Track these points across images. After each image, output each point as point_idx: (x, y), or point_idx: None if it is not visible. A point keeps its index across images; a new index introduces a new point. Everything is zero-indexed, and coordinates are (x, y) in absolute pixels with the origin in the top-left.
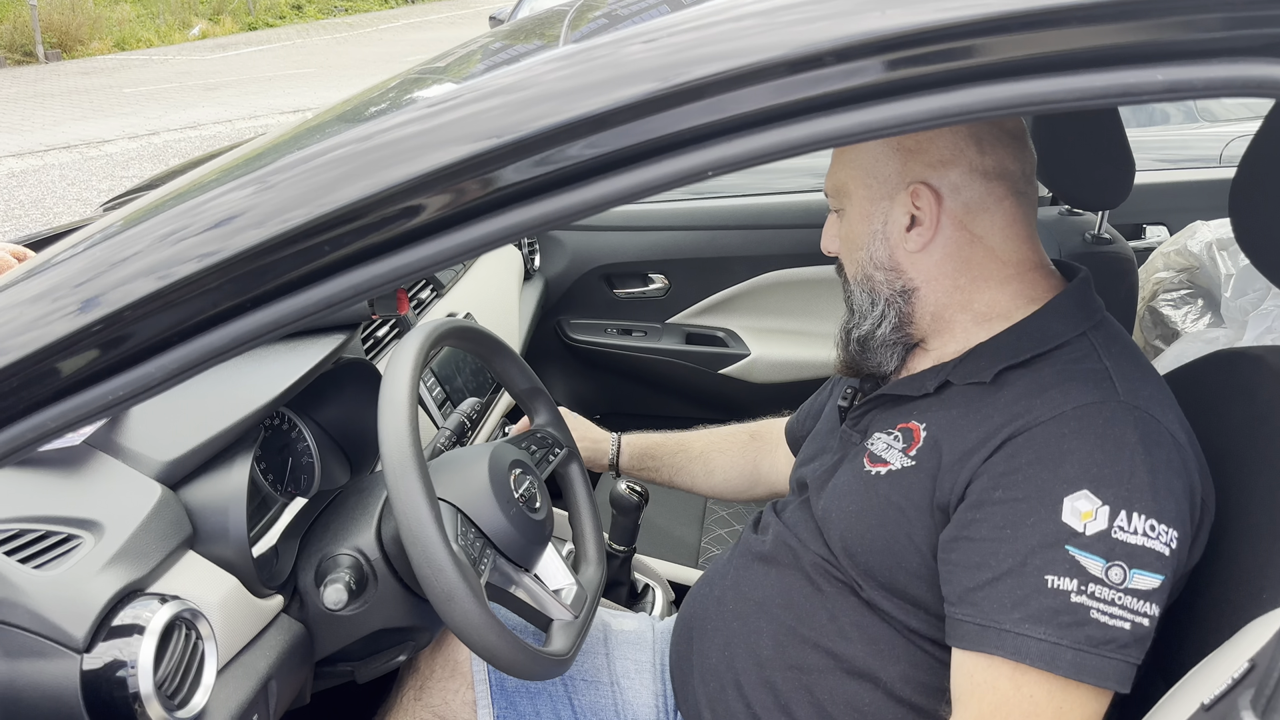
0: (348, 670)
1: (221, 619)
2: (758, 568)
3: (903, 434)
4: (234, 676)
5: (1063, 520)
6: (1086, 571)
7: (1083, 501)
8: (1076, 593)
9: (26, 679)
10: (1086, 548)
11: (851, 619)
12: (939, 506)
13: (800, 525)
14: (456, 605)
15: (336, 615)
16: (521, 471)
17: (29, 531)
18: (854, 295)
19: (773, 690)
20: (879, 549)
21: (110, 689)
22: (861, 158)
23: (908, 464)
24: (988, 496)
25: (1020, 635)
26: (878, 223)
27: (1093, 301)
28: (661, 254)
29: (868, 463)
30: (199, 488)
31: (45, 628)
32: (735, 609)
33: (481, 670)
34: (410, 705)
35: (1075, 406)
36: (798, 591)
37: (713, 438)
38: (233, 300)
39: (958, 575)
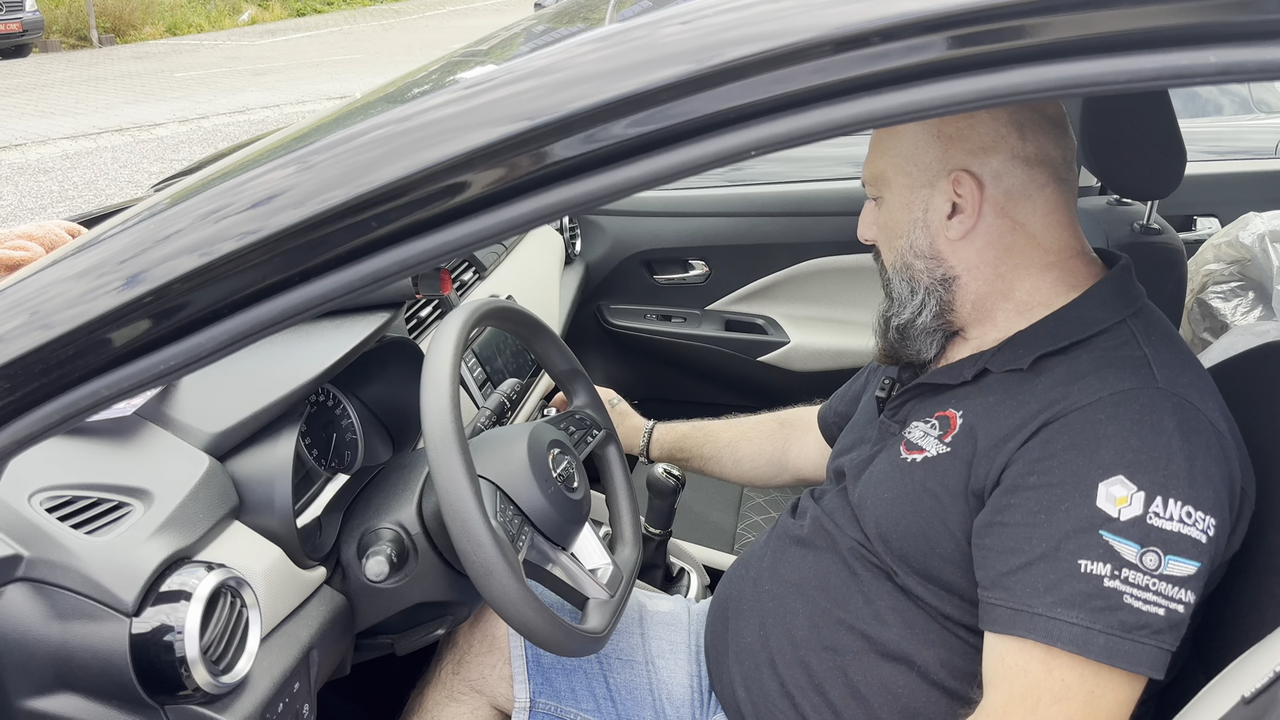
0: (387, 642)
1: (265, 588)
2: (795, 551)
3: (939, 422)
4: (277, 645)
5: (1097, 505)
6: (1120, 557)
7: (1118, 487)
8: (1110, 578)
9: (78, 640)
10: (1121, 533)
11: (887, 603)
12: (973, 492)
13: (837, 511)
14: (495, 580)
15: (377, 588)
16: (560, 451)
17: (81, 499)
18: (893, 283)
19: (807, 670)
20: (914, 535)
21: (158, 652)
22: (901, 145)
23: (943, 450)
24: (1022, 482)
25: (1052, 619)
26: (918, 210)
27: (1133, 289)
28: (702, 240)
29: (904, 450)
30: (246, 460)
31: (96, 591)
32: (771, 590)
33: (519, 646)
34: (448, 679)
35: (1112, 392)
36: (834, 575)
37: (741, 427)
38: (280, 275)
39: (991, 560)
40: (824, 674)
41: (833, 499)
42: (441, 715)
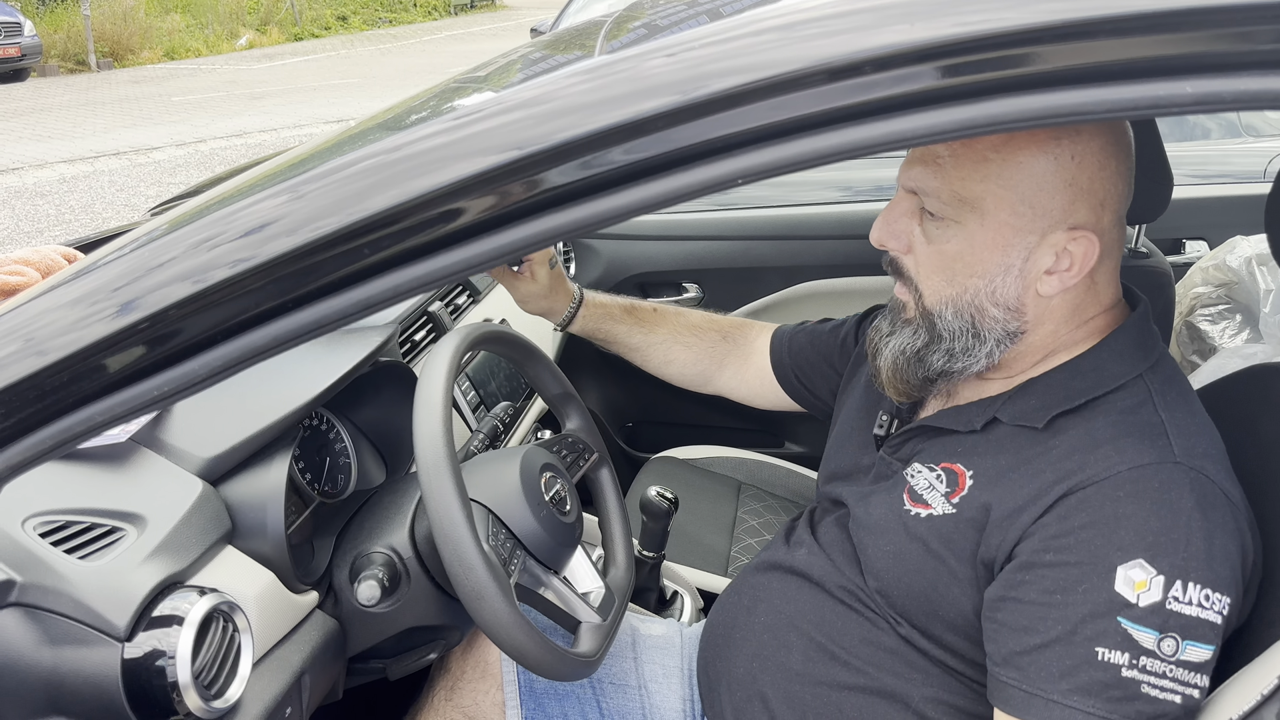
0: (379, 667)
1: (258, 612)
2: (791, 582)
3: (946, 475)
4: (269, 669)
5: (1115, 590)
6: (1138, 645)
7: (1137, 571)
8: (1128, 666)
9: (70, 665)
10: (1139, 620)
11: (885, 645)
12: (983, 562)
13: (835, 548)
14: (486, 604)
15: (369, 612)
16: (552, 475)
17: (75, 523)
18: (943, 321)
19: (799, 706)
20: (916, 595)
21: (149, 677)
22: (1018, 178)
23: (949, 510)
24: (1038, 559)
25: (1068, 707)
26: (1015, 257)
27: (1150, 337)
28: (696, 263)
29: (908, 500)
30: (239, 484)
31: (89, 616)
32: (765, 621)
33: (511, 672)
34: (441, 705)
35: (1131, 467)
36: (830, 611)
37: (678, 326)
38: (274, 301)
39: (1003, 636)
40: (817, 710)
41: (831, 530)
42: None
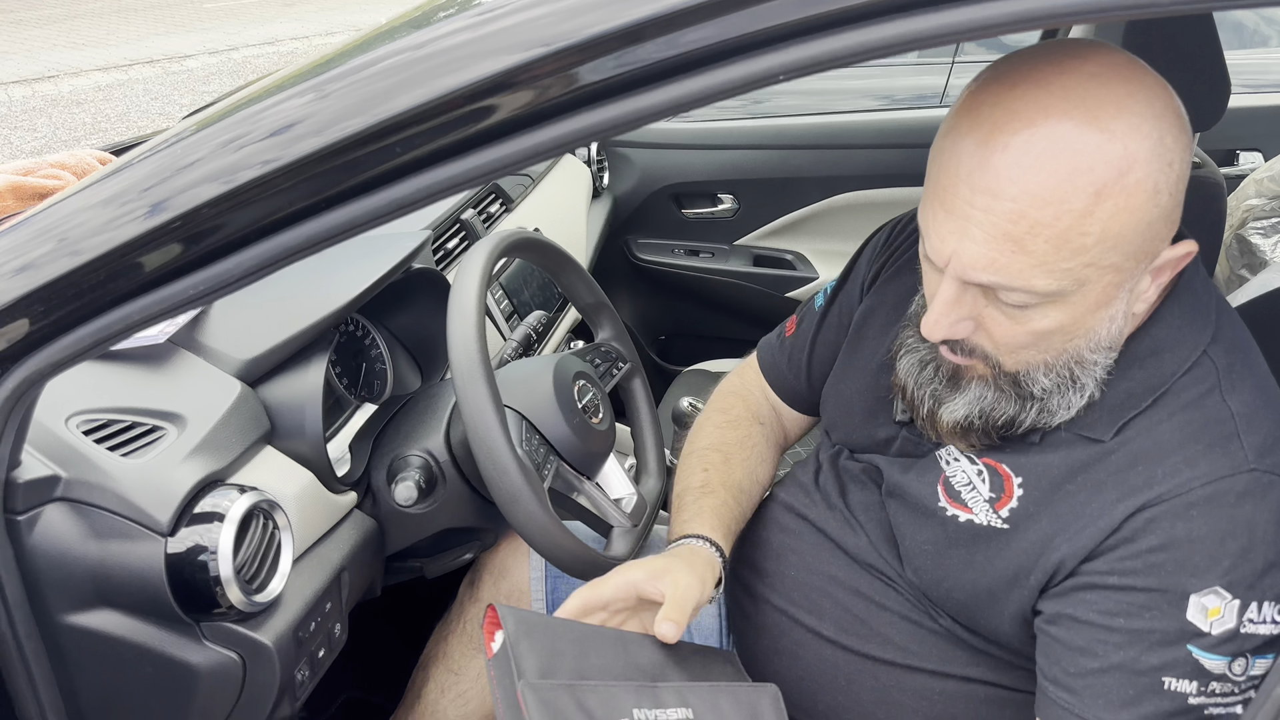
0: (417, 566)
1: (297, 511)
2: (823, 545)
3: (990, 475)
4: (309, 566)
5: (1187, 619)
6: (1208, 672)
7: (1211, 598)
8: (1195, 694)
9: (115, 559)
10: (1211, 649)
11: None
12: (1038, 580)
13: (872, 524)
14: (520, 507)
15: (406, 513)
16: (585, 383)
17: (117, 422)
18: (1034, 385)
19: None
20: (957, 604)
21: (192, 571)
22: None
23: (997, 524)
24: (1101, 580)
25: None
26: (1120, 304)
27: (1207, 292)
28: (731, 173)
29: (944, 497)
30: (277, 386)
31: (132, 511)
32: (796, 576)
33: (540, 596)
34: (475, 632)
35: (1204, 483)
36: (866, 586)
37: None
38: (305, 201)
39: (1057, 653)
40: (849, 675)
41: (863, 500)
42: (470, 667)
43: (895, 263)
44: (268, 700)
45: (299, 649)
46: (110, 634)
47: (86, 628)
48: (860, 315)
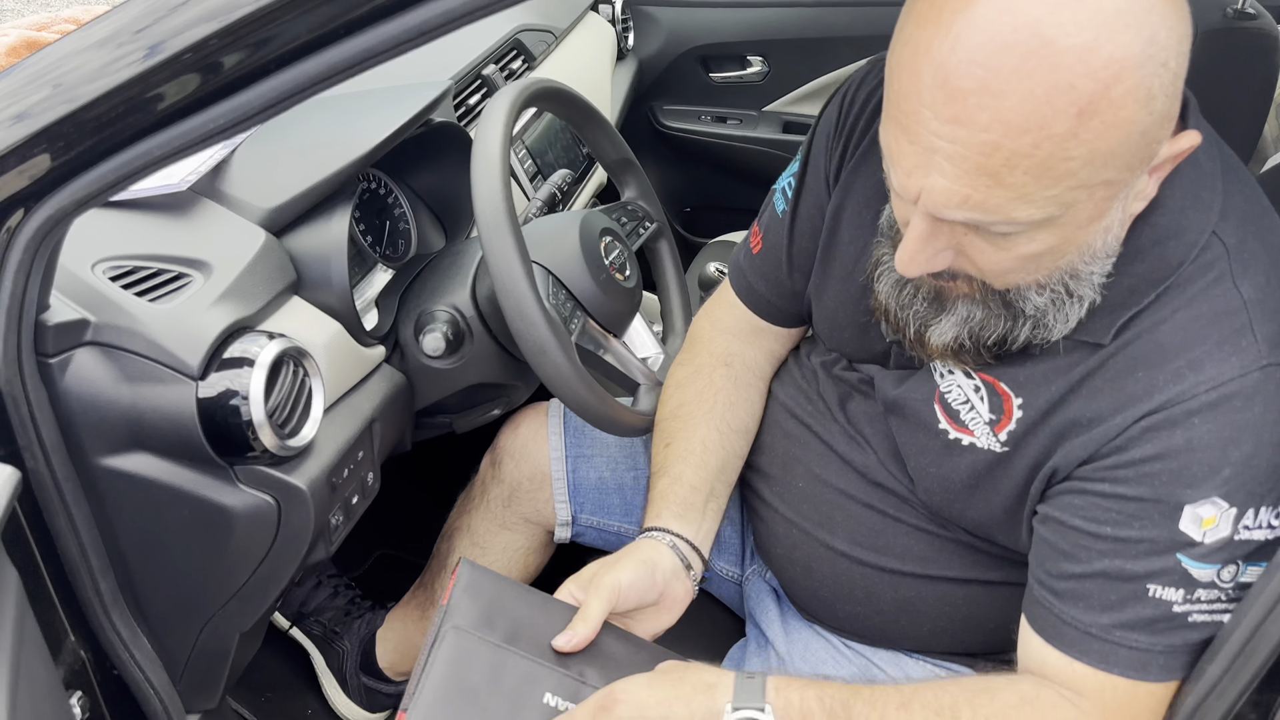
0: (446, 421)
1: (326, 360)
2: (830, 460)
3: (989, 394)
4: (340, 415)
5: (1179, 529)
6: (1196, 581)
7: (1207, 508)
8: (1181, 602)
9: (148, 402)
10: (1202, 558)
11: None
12: (1037, 489)
13: (877, 440)
14: (548, 358)
15: (434, 367)
16: (612, 239)
17: (142, 269)
18: (1027, 303)
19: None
20: (971, 521)
21: (225, 415)
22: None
23: (997, 447)
24: (1091, 487)
25: (1108, 642)
26: (1115, 214)
27: (1209, 165)
28: (762, 33)
29: (944, 417)
30: (301, 236)
31: (162, 355)
32: (804, 488)
33: (560, 472)
34: (499, 511)
35: (1209, 388)
36: (879, 501)
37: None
38: (323, 28)
39: (1043, 554)
40: (866, 588)
41: (864, 414)
42: (495, 542)
43: (855, 150)
44: (303, 543)
45: (333, 494)
46: (146, 477)
47: (122, 470)
48: (830, 214)
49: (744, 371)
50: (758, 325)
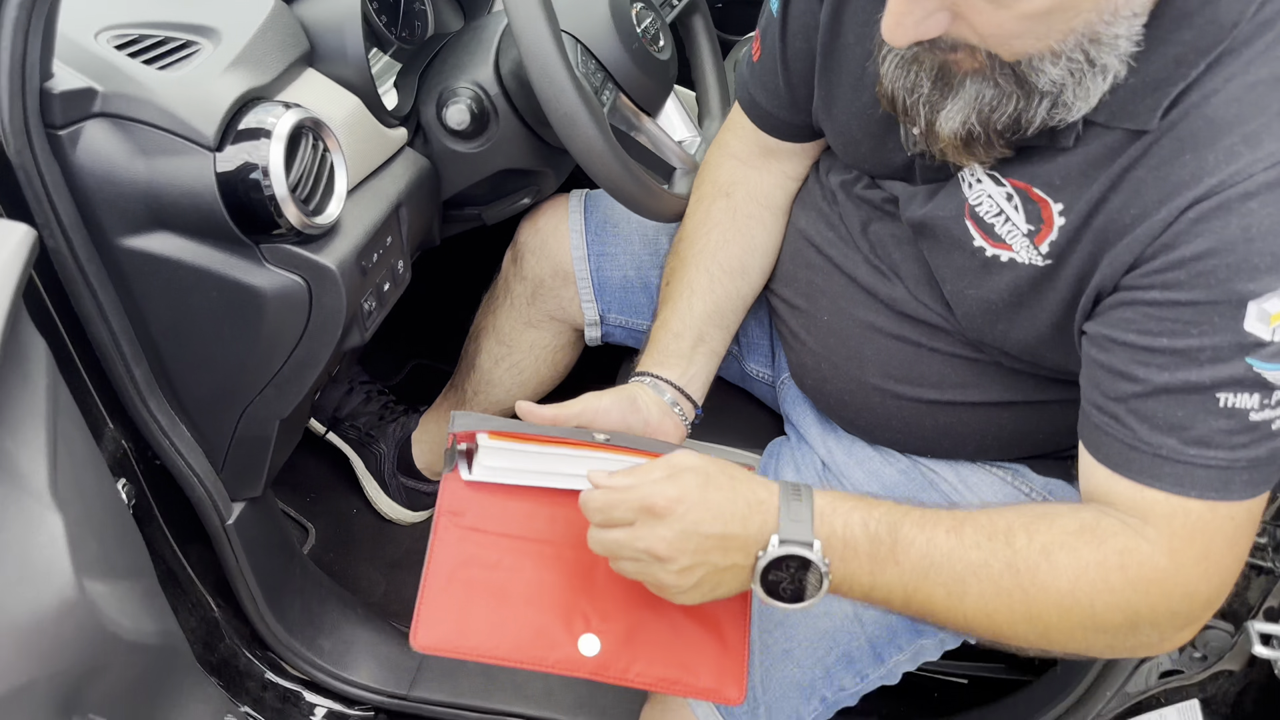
0: (475, 213)
1: (347, 135)
2: (856, 293)
3: (1023, 201)
4: (365, 196)
5: (1245, 329)
6: (1272, 385)
7: (1274, 301)
8: (1258, 409)
9: (165, 176)
10: (1275, 357)
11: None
12: (1085, 305)
13: (905, 268)
14: (580, 129)
15: (460, 151)
16: (644, 7)
17: (148, 36)
18: (1042, 76)
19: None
20: (1015, 343)
21: (246, 190)
22: None
23: (1039, 261)
24: (1141, 297)
25: (1183, 463)
26: None
27: None
28: None
29: (976, 231)
30: (312, 5)
31: (176, 125)
32: (830, 322)
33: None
34: (524, 309)
35: (1268, 166)
36: (911, 333)
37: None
38: None
39: (1097, 376)
40: (904, 419)
41: (890, 240)
42: (521, 341)
43: None
44: (336, 326)
45: (364, 279)
46: (170, 257)
47: (146, 251)
48: (829, 12)
49: (745, 202)
50: (767, 145)
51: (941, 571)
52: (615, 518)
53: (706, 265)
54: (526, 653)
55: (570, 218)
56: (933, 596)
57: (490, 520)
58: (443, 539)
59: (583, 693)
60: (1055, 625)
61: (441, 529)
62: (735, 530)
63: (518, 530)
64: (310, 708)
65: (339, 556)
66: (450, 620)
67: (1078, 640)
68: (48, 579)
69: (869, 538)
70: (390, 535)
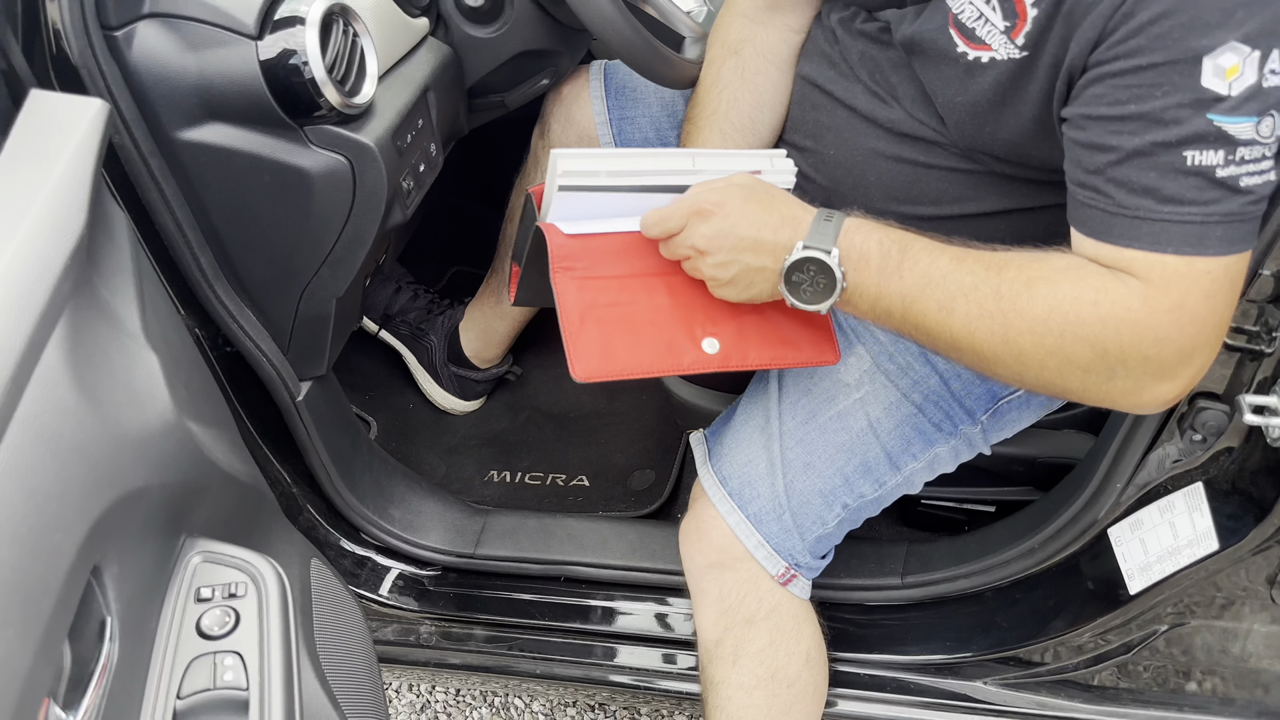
0: (498, 100)
1: (373, 23)
2: (856, 123)
3: (999, 2)
4: (395, 82)
5: (1203, 85)
6: (1234, 139)
7: (1228, 55)
8: (1223, 165)
9: (214, 68)
10: (1233, 111)
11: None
12: (1061, 92)
13: (902, 85)
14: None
15: (479, 37)
16: None
17: None
18: None
19: None
20: (1005, 142)
21: (287, 75)
22: None
23: (1016, 54)
24: (1107, 70)
25: (1158, 221)
26: None
27: None
28: None
29: (959, 38)
30: None
31: (220, 17)
32: (836, 156)
33: (606, 131)
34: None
35: None
36: (909, 151)
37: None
38: None
39: (1077, 154)
40: None
41: (882, 63)
42: None
43: None
44: (379, 201)
45: (400, 158)
46: (224, 146)
47: (202, 142)
48: None
49: (754, 59)
50: (771, 0)
51: (937, 289)
52: (670, 227)
53: (719, 125)
54: (665, 362)
55: (591, 84)
56: (926, 310)
57: (599, 266)
58: (564, 291)
59: (633, 539)
60: (1029, 351)
61: (560, 283)
62: (766, 236)
63: (624, 270)
64: (385, 570)
65: (400, 446)
66: (595, 353)
67: (1050, 371)
68: (151, 403)
69: (881, 253)
70: (446, 424)
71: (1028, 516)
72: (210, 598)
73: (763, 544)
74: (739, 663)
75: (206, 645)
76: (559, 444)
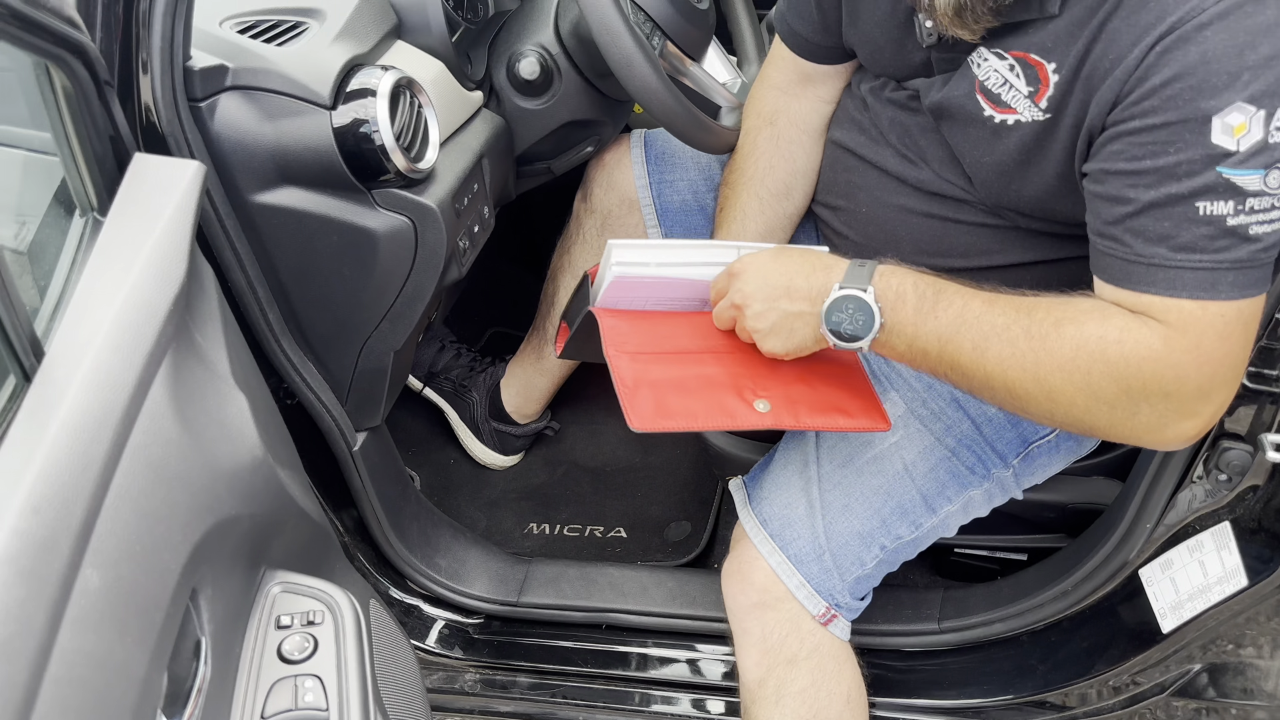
0: (544, 167)
1: (435, 95)
2: (888, 183)
3: (1022, 67)
4: (454, 149)
5: (1213, 142)
6: (1244, 190)
7: (1235, 115)
8: (1233, 215)
9: (290, 137)
10: (1241, 165)
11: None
12: (1082, 150)
13: (930, 148)
14: (636, 70)
15: (529, 109)
16: None
17: (263, 21)
18: None
19: None
20: (1030, 199)
21: (358, 142)
22: None
23: (1040, 116)
24: (1124, 128)
25: (1173, 268)
26: None
27: None
28: None
29: (986, 103)
30: None
31: (297, 89)
32: (868, 213)
33: (647, 198)
34: (593, 239)
35: (1215, 1)
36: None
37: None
38: None
39: (1097, 207)
40: None
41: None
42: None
43: None
44: (439, 260)
45: (458, 219)
46: (296, 208)
47: (275, 205)
48: None
49: (788, 128)
50: (804, 72)
51: (971, 329)
52: (718, 291)
53: (756, 190)
54: (718, 421)
55: (632, 152)
56: (961, 349)
57: (651, 343)
58: (618, 366)
59: (673, 586)
60: (1059, 388)
61: (614, 359)
62: (799, 283)
63: (674, 347)
64: (431, 619)
65: (442, 499)
66: (650, 409)
67: (1079, 408)
68: (241, 440)
69: (917, 294)
70: (486, 478)
71: (1060, 560)
72: (290, 625)
73: (804, 584)
74: (781, 703)
75: (288, 669)
76: (596, 497)
